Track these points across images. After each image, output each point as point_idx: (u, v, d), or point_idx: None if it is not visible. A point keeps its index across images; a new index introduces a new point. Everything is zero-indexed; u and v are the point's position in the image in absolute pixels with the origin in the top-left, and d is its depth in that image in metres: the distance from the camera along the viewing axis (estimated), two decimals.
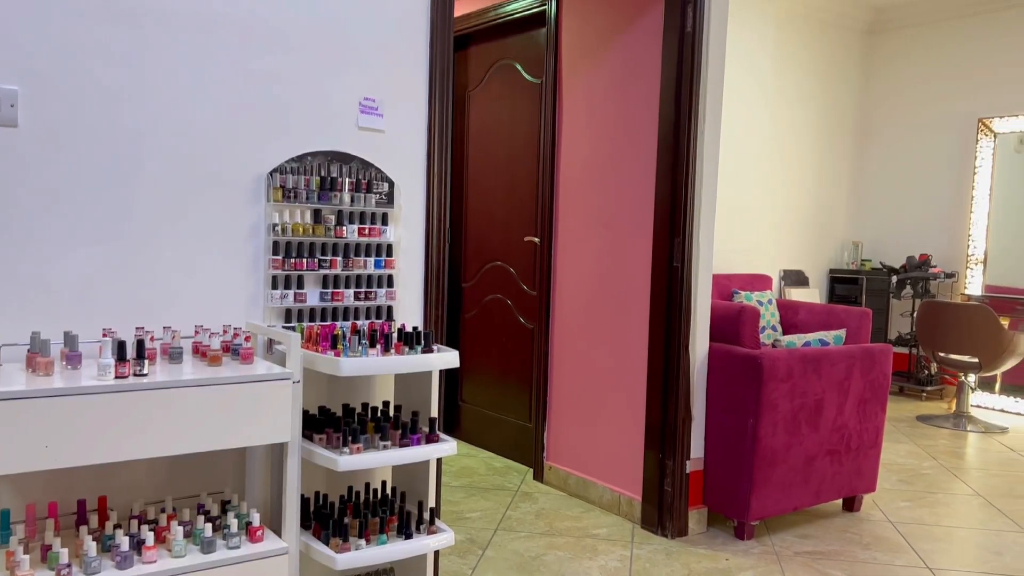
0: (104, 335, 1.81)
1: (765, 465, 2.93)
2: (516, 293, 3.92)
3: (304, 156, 2.15)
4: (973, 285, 5.90)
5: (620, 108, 3.26)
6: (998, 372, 5.13)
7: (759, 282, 5.69)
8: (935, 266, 6.07)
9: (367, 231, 2.24)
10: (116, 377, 1.65)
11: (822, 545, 2.97)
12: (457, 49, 4.26)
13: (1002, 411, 5.63)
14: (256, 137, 2.09)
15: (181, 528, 1.76)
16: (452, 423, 4.33)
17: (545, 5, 3.59)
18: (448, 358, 2.07)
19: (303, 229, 2.13)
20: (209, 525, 1.78)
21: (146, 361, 1.69)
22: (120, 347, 1.65)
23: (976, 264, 5.91)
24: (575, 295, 3.48)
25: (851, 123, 6.72)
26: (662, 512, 3.03)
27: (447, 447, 2.08)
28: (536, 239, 3.73)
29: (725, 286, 5.42)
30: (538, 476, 3.64)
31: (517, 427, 3.90)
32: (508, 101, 3.95)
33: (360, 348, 1.97)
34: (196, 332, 1.97)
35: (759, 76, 5.97)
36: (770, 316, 5.15)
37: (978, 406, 5.70)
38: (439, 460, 2.43)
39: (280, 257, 2.11)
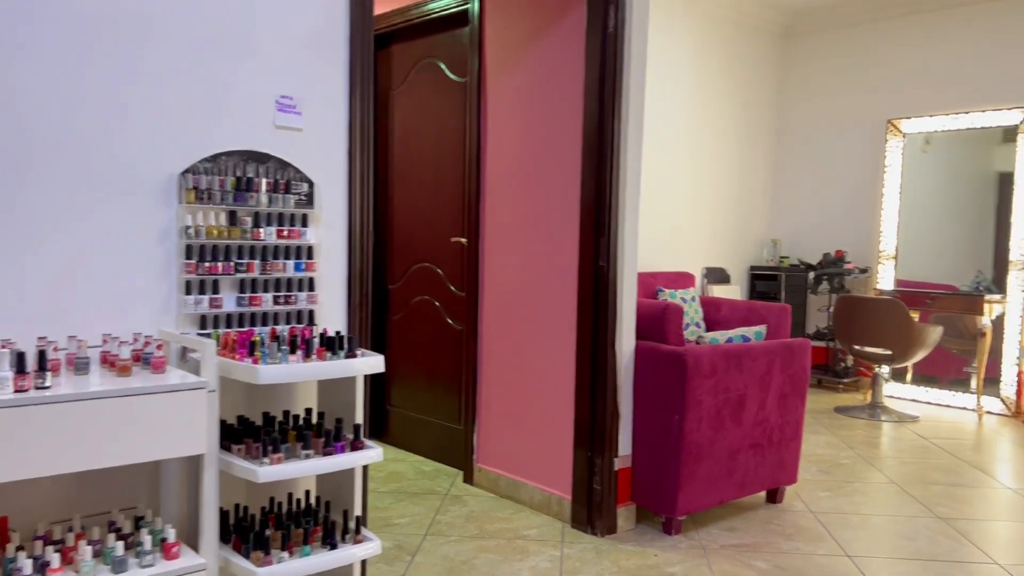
0: (2, 347, 1.71)
1: (691, 460, 2.97)
2: (444, 294, 3.88)
3: (218, 156, 2.07)
4: (885, 280, 6.14)
5: (545, 107, 3.26)
6: (909, 363, 5.35)
7: (683, 280, 5.79)
8: (849, 262, 6.29)
9: (286, 233, 2.18)
10: (15, 391, 1.55)
11: (747, 537, 3.03)
12: (379, 47, 4.20)
13: (913, 400, 5.87)
14: (167, 136, 2.00)
15: (90, 548, 1.67)
16: (380, 427, 4.26)
17: (468, 4, 3.56)
18: (373, 363, 2.03)
19: (218, 232, 2.06)
20: (121, 543, 1.69)
21: (49, 373, 1.60)
22: (20, 359, 1.56)
23: (888, 260, 6.15)
24: (503, 295, 3.46)
25: (768, 124, 6.91)
26: (591, 510, 3.04)
27: (372, 454, 2.04)
28: (463, 240, 3.70)
29: (650, 284, 5.49)
30: (468, 479, 3.61)
31: (446, 430, 3.86)
32: (433, 100, 3.91)
33: (280, 355, 1.91)
34: (104, 341, 1.88)
35: (680, 77, 6.08)
36: (694, 313, 5.25)
37: (892, 396, 5.93)
38: (365, 467, 2.38)
39: (194, 261, 2.03)
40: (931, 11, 5.99)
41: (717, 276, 6.45)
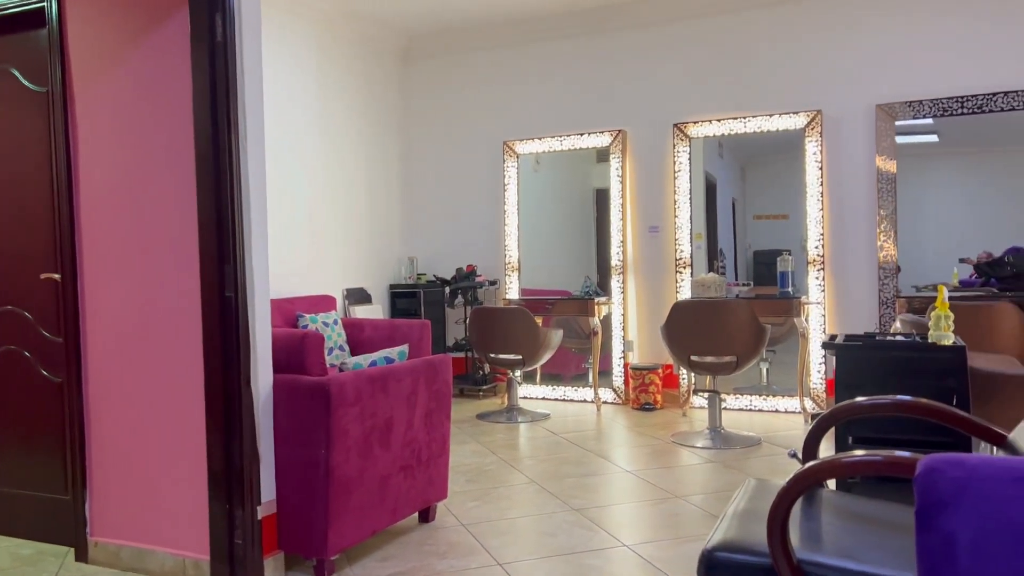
0: None
1: (340, 495, 2.82)
2: (36, 342, 3.26)
3: None
4: (512, 290, 6.59)
5: (152, 122, 2.89)
6: (538, 365, 5.78)
7: (323, 303, 5.63)
8: (480, 275, 6.65)
9: None
10: None
11: (402, 564, 2.97)
12: None
13: (543, 399, 6.37)
14: None
15: None
16: None
17: (43, 2, 3.04)
18: None
19: None
20: None
21: None
22: None
23: (513, 271, 6.61)
24: (114, 337, 3.00)
25: (397, 145, 7.05)
26: (234, 568, 2.74)
27: None
28: (56, 276, 3.14)
29: (289, 311, 5.25)
30: (81, 556, 3.06)
31: (49, 502, 3.24)
32: (5, 114, 3.28)
33: None
34: None
35: (305, 96, 5.92)
36: (337, 336, 5.12)
37: (525, 397, 6.37)
38: None
39: None
40: (535, 43, 6.58)
41: (358, 297, 6.40)
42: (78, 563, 3.06)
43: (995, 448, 1.84)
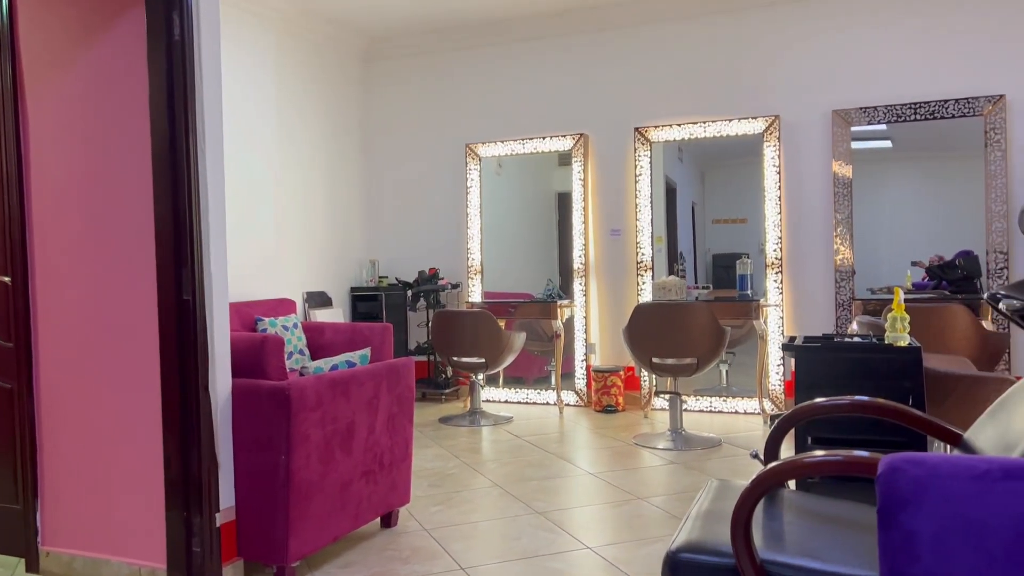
0: None
1: (301, 501, 2.78)
2: None
3: None
4: (475, 293, 6.57)
5: (107, 121, 2.82)
6: (500, 368, 5.77)
7: (283, 307, 5.56)
8: (443, 278, 6.62)
9: None
10: None
11: (365, 570, 2.93)
12: None
13: (506, 402, 6.37)
14: None
15: None
16: None
17: None
18: None
19: None
20: None
21: None
22: None
23: (475, 274, 6.60)
24: (66, 342, 2.92)
25: (358, 146, 7.00)
26: None
27: None
28: (6, 278, 3.05)
29: (248, 314, 5.17)
30: (32, 567, 2.98)
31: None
32: None
33: None
34: None
35: (263, 96, 5.85)
36: (297, 340, 5.06)
37: (488, 400, 6.35)
38: None
39: None
40: (497, 46, 6.58)
41: (319, 300, 6.33)
42: (29, 574, 2.98)
43: (950, 447, 1.88)
